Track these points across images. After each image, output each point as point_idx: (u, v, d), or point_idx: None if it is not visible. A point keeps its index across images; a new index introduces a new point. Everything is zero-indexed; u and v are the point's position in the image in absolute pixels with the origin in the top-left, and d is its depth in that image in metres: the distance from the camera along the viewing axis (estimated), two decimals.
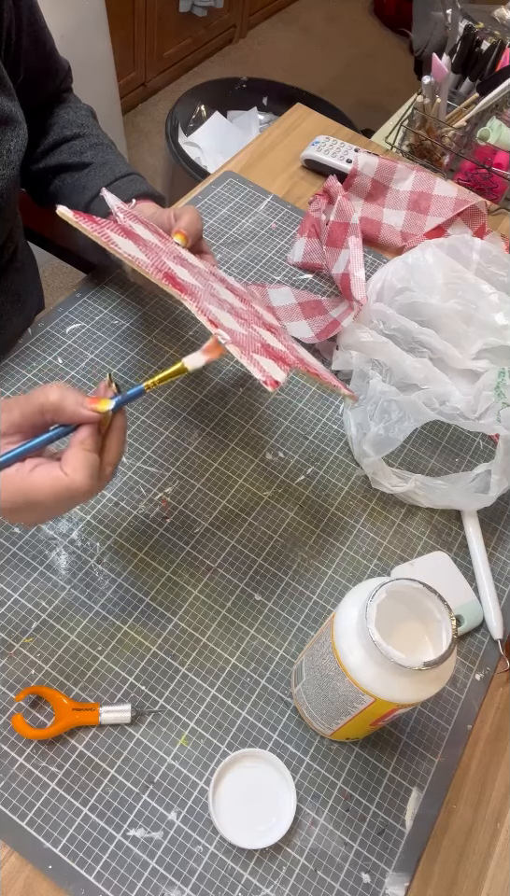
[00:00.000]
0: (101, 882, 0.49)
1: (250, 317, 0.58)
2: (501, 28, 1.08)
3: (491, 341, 0.73)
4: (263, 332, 0.56)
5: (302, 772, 0.55)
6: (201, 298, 0.50)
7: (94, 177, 0.70)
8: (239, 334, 0.49)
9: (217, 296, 0.55)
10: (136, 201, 0.69)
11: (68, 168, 0.73)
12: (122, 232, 0.51)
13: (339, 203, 0.78)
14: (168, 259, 0.54)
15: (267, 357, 0.49)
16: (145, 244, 0.53)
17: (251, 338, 0.51)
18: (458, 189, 0.91)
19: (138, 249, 0.50)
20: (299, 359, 0.56)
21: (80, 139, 0.74)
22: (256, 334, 0.53)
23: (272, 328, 0.60)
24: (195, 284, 0.53)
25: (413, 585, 0.44)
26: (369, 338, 0.70)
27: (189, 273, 0.55)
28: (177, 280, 0.50)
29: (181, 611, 0.60)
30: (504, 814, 0.56)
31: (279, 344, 0.56)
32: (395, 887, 0.52)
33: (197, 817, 0.52)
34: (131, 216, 0.58)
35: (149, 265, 0.48)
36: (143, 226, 0.58)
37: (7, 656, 0.56)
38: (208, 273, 0.61)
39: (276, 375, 0.47)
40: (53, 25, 0.72)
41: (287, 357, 0.52)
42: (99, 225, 0.49)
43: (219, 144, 1.89)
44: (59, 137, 0.74)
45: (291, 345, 0.59)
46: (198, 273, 0.57)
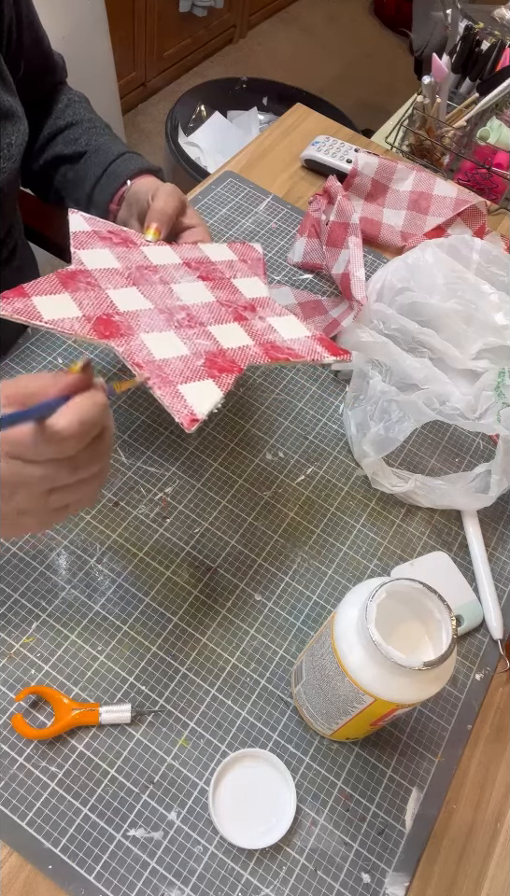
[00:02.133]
0: (101, 882, 0.49)
1: (214, 313, 0.57)
2: (501, 28, 1.08)
3: (491, 341, 0.73)
4: (225, 329, 0.56)
5: (302, 772, 0.55)
6: (136, 331, 0.52)
7: (91, 165, 0.71)
8: (173, 362, 0.50)
9: (171, 307, 0.56)
10: (130, 181, 0.69)
11: (66, 160, 0.73)
12: (59, 284, 0.52)
13: (339, 203, 0.78)
14: (117, 285, 0.55)
15: (207, 375, 0.50)
16: (89, 281, 0.54)
17: (193, 357, 0.52)
18: (458, 189, 0.91)
19: (72, 301, 0.51)
20: (266, 347, 0.56)
21: (74, 127, 0.74)
22: (206, 344, 0.53)
23: (248, 308, 0.60)
24: (141, 308, 0.54)
25: (413, 585, 0.44)
26: (369, 338, 0.70)
27: (141, 290, 0.56)
28: (113, 321, 0.52)
29: (181, 611, 0.60)
30: (504, 814, 0.56)
31: (243, 337, 0.56)
32: (395, 887, 0.52)
33: (197, 817, 0.52)
34: (90, 238, 0.58)
35: (77, 319, 0.50)
36: (105, 244, 0.58)
37: (6, 656, 0.56)
38: (177, 268, 0.60)
39: (200, 405, 0.47)
40: (53, 25, 0.72)
41: (240, 360, 0.53)
42: (27, 296, 0.50)
43: (219, 144, 1.89)
44: (54, 128, 0.74)
45: (268, 324, 0.59)
46: (159, 279, 0.58)
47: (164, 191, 0.62)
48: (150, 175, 0.70)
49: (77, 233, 0.58)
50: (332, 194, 0.82)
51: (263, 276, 0.66)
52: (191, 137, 1.88)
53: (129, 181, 0.69)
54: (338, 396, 0.76)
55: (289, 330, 0.59)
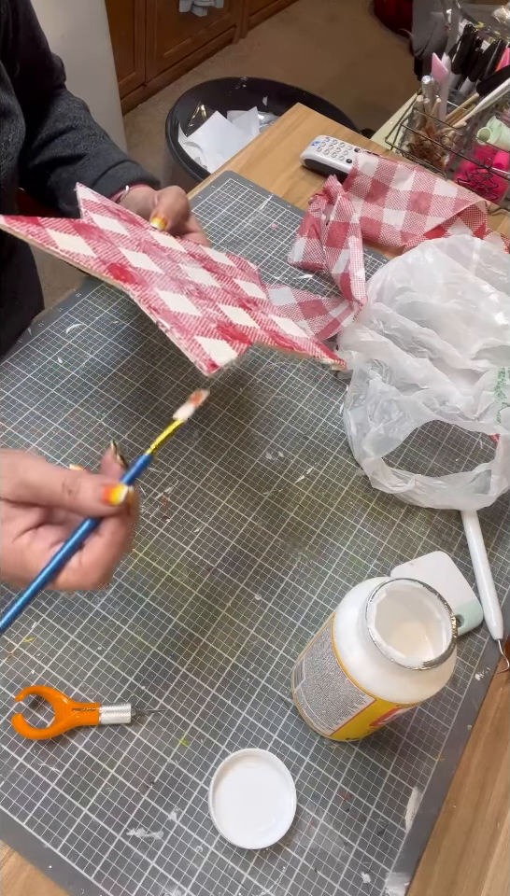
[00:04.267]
0: (101, 882, 0.49)
1: (220, 295, 0.57)
2: (501, 28, 1.08)
3: (491, 341, 0.73)
4: (232, 310, 0.56)
5: (302, 772, 0.55)
6: (150, 284, 0.50)
7: (89, 168, 0.71)
8: (188, 317, 0.49)
9: (181, 279, 0.55)
10: (130, 187, 0.69)
11: (63, 161, 0.73)
12: (72, 228, 0.51)
13: (339, 203, 0.78)
14: (128, 247, 0.54)
15: (219, 337, 0.49)
16: (101, 235, 0.53)
17: (206, 319, 0.51)
18: (458, 189, 0.91)
19: (85, 243, 0.50)
20: (271, 333, 0.55)
21: (73, 131, 0.74)
22: (216, 314, 0.53)
23: (251, 302, 0.60)
24: (153, 270, 0.53)
25: (413, 585, 0.44)
26: (369, 338, 0.70)
27: (151, 258, 0.55)
28: (126, 269, 0.50)
29: (181, 611, 0.60)
30: (504, 814, 0.56)
31: (249, 321, 0.55)
32: (395, 887, 0.52)
33: (197, 817, 0.52)
34: (98, 207, 0.57)
35: (92, 258, 0.48)
36: (113, 216, 0.57)
37: (7, 656, 0.56)
38: (183, 255, 0.60)
39: (217, 356, 0.46)
40: (53, 25, 0.72)
41: (249, 336, 0.52)
42: (41, 226, 0.48)
43: (219, 144, 1.88)
44: (52, 131, 0.74)
45: (269, 319, 0.59)
46: (167, 256, 0.57)
47: (173, 191, 0.63)
48: (148, 186, 0.71)
49: (87, 201, 0.57)
50: (333, 194, 0.82)
51: (260, 285, 0.66)
52: (191, 137, 1.88)
53: (128, 187, 0.69)
54: (338, 396, 0.76)
55: (288, 328, 0.60)
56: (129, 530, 0.40)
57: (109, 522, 0.40)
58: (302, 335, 0.60)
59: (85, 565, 0.39)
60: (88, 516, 0.40)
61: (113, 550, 0.39)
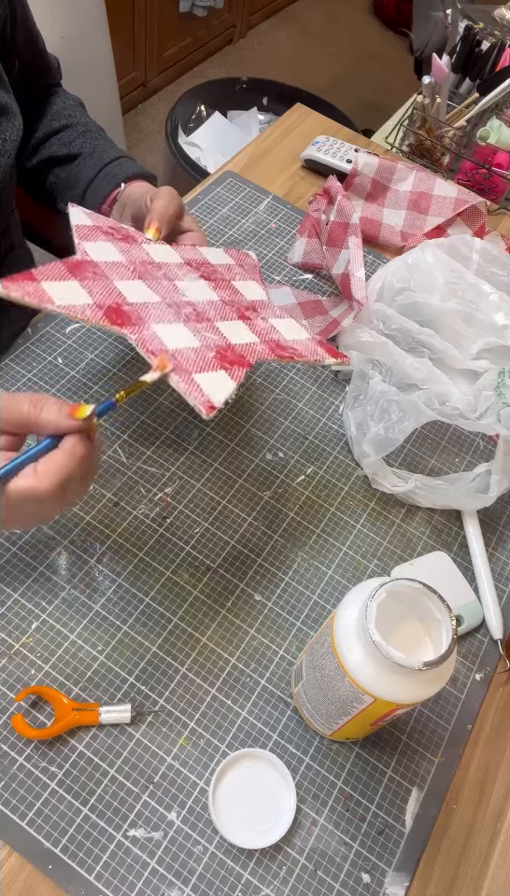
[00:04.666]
0: (101, 882, 0.49)
1: (218, 311, 0.57)
2: (501, 28, 1.08)
3: (491, 341, 0.73)
4: (230, 326, 0.56)
5: (302, 772, 0.55)
6: (148, 321, 0.51)
7: (85, 167, 0.71)
8: (186, 352, 0.50)
9: (178, 301, 0.55)
10: (125, 184, 0.69)
11: (59, 161, 0.73)
12: (67, 272, 0.51)
13: (339, 203, 0.78)
14: (124, 277, 0.54)
15: (219, 366, 0.50)
16: (95, 271, 0.53)
17: (204, 348, 0.52)
18: (458, 189, 0.91)
19: (81, 288, 0.51)
20: (271, 345, 0.56)
21: (69, 129, 0.74)
22: (215, 338, 0.53)
23: (250, 308, 0.60)
24: (149, 300, 0.54)
25: (413, 585, 0.44)
26: (369, 338, 0.70)
27: (147, 285, 0.55)
28: (123, 310, 0.51)
29: (181, 611, 0.60)
30: (504, 814, 0.56)
31: (249, 335, 0.56)
32: (395, 887, 0.52)
33: (197, 817, 0.52)
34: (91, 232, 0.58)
35: (88, 306, 0.49)
36: (106, 238, 0.58)
37: (6, 656, 0.56)
38: (179, 266, 0.60)
39: (216, 395, 0.47)
40: (53, 25, 0.72)
41: (248, 356, 0.53)
42: (36, 280, 0.49)
43: (219, 144, 1.88)
44: (48, 130, 0.74)
45: (270, 325, 0.59)
46: (163, 275, 0.58)
47: (165, 193, 0.63)
48: (145, 182, 0.71)
49: (79, 226, 0.57)
50: (333, 194, 0.82)
51: (260, 282, 0.66)
52: (191, 137, 1.88)
53: (124, 184, 0.69)
54: (338, 396, 0.76)
55: (290, 332, 0.60)
56: (89, 453, 0.42)
57: (70, 436, 0.41)
58: (303, 337, 0.60)
59: (40, 471, 0.40)
60: (50, 433, 0.42)
61: (70, 462, 0.41)
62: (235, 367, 0.50)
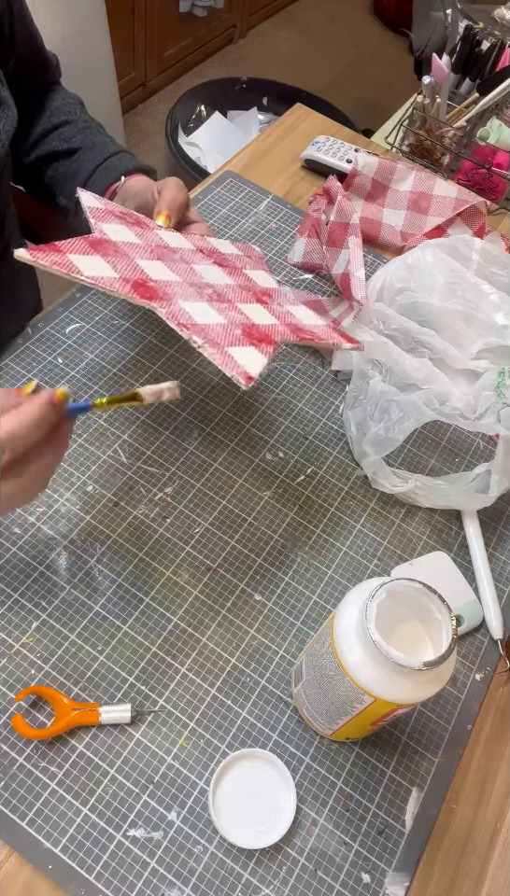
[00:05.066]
0: (101, 882, 0.49)
1: (237, 294, 0.58)
2: (501, 28, 1.08)
3: (491, 341, 0.73)
4: (250, 308, 0.56)
5: (302, 772, 0.55)
6: (174, 297, 0.51)
7: (84, 161, 0.71)
8: (215, 327, 0.50)
9: (198, 283, 0.55)
10: (125, 178, 0.69)
11: (59, 156, 0.73)
12: (89, 248, 0.51)
13: (339, 203, 0.78)
14: (143, 257, 0.54)
15: (248, 343, 0.50)
16: (116, 248, 0.53)
17: (231, 325, 0.51)
18: (458, 189, 0.91)
19: (105, 262, 0.51)
20: (291, 327, 0.56)
21: (68, 125, 0.74)
22: (239, 317, 0.53)
23: (265, 294, 0.60)
24: (171, 279, 0.53)
25: (413, 585, 0.44)
26: (369, 338, 0.69)
27: (166, 266, 0.55)
28: (149, 285, 0.51)
29: (181, 611, 0.60)
30: (504, 814, 0.56)
31: (269, 317, 0.56)
32: (395, 887, 0.52)
33: (197, 817, 0.52)
34: (105, 215, 0.58)
35: (116, 279, 0.49)
36: (119, 221, 0.58)
37: (7, 656, 0.56)
38: (193, 252, 0.60)
39: (251, 367, 0.47)
40: (53, 25, 0.72)
41: (272, 335, 0.53)
42: (62, 252, 0.49)
43: (219, 144, 1.88)
44: (48, 126, 0.74)
45: (286, 310, 0.59)
46: (180, 258, 0.58)
47: (173, 183, 0.63)
48: (145, 175, 0.71)
49: (93, 209, 0.58)
50: (333, 194, 0.82)
51: (269, 272, 0.66)
52: (191, 137, 1.88)
53: (124, 178, 0.69)
54: (338, 396, 0.76)
55: (306, 317, 0.60)
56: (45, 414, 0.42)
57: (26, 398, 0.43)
58: (319, 322, 0.60)
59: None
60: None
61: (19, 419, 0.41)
62: (263, 344, 0.51)
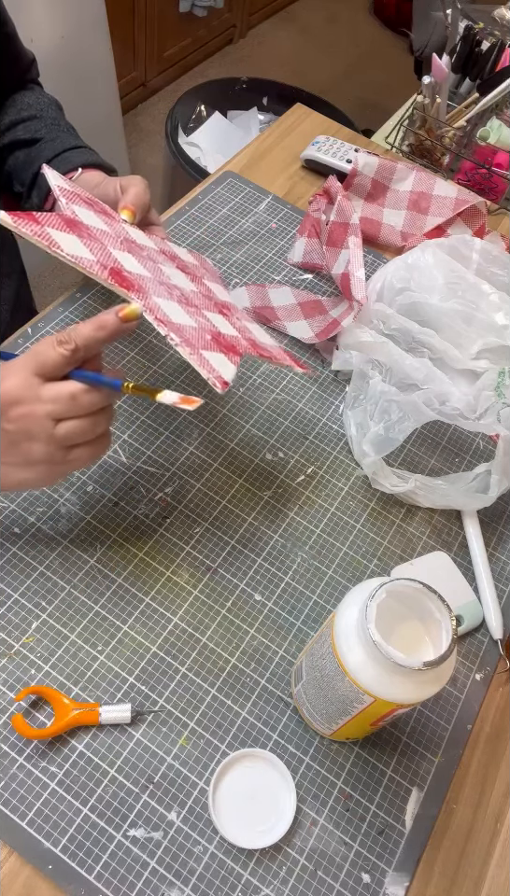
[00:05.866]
0: (101, 882, 0.49)
1: (201, 301, 0.57)
2: (501, 28, 1.08)
3: (491, 341, 0.73)
4: (214, 317, 0.56)
5: (302, 772, 0.55)
6: (149, 292, 0.50)
7: (44, 149, 0.70)
8: (188, 329, 0.49)
9: (166, 283, 0.55)
10: (82, 170, 0.68)
11: (21, 144, 0.72)
12: (65, 225, 0.50)
13: (339, 203, 0.78)
14: (114, 246, 0.53)
15: (217, 349, 0.50)
16: (89, 232, 0.52)
17: (201, 330, 0.51)
18: (458, 189, 0.91)
19: (82, 244, 0.49)
20: (250, 342, 0.56)
21: (37, 120, 0.73)
22: (207, 324, 0.53)
23: (224, 307, 0.60)
24: (143, 273, 0.52)
25: (413, 585, 0.44)
26: (369, 338, 0.70)
27: (136, 259, 0.54)
28: (124, 275, 0.49)
29: (181, 611, 0.60)
30: (504, 814, 0.56)
31: (230, 329, 0.56)
32: (395, 887, 0.52)
33: (197, 817, 0.52)
34: (73, 196, 0.56)
35: (94, 262, 0.48)
36: (87, 206, 0.56)
37: (6, 656, 0.56)
38: (157, 253, 0.60)
39: (224, 373, 0.47)
40: (53, 25, 0.72)
41: (237, 346, 0.53)
42: (40, 224, 0.47)
43: (219, 144, 1.88)
44: (16, 118, 0.74)
45: (243, 325, 0.59)
46: (147, 255, 0.57)
47: (139, 181, 0.62)
48: (102, 172, 0.69)
49: (62, 188, 0.55)
50: (332, 194, 0.82)
51: (224, 287, 0.66)
52: (191, 137, 1.88)
53: (81, 169, 0.68)
54: (338, 396, 0.76)
55: (261, 335, 0.61)
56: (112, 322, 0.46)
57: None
58: (272, 343, 0.61)
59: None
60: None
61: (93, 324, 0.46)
62: (231, 353, 0.51)
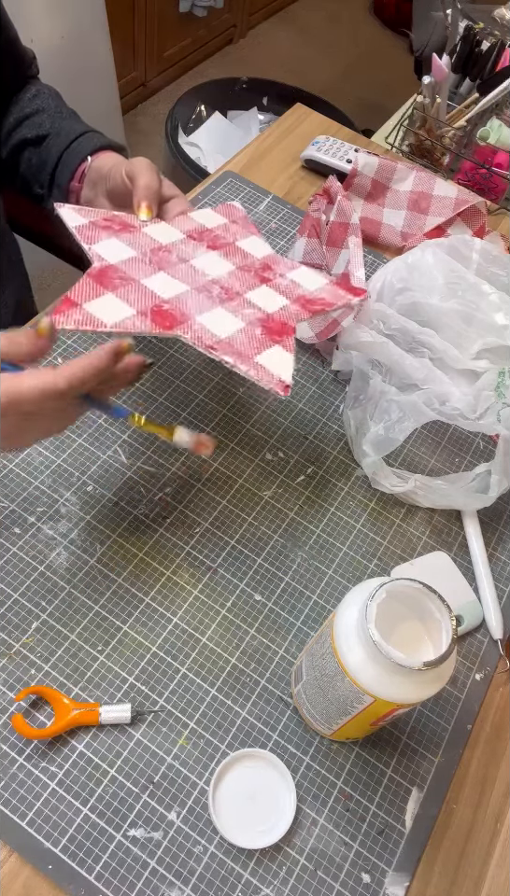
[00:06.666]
0: (101, 882, 0.49)
1: (242, 281, 0.57)
2: (501, 28, 1.08)
3: (491, 341, 0.73)
4: (259, 294, 0.56)
5: (302, 772, 0.55)
6: (191, 314, 0.51)
7: (52, 147, 0.70)
8: (237, 337, 0.50)
9: (203, 284, 0.55)
10: (92, 157, 0.67)
11: (29, 143, 0.73)
12: (97, 285, 0.52)
13: (339, 203, 0.78)
14: (147, 273, 0.54)
15: (271, 342, 0.50)
16: (120, 275, 0.53)
17: (250, 326, 0.51)
18: (458, 189, 0.91)
19: (118, 299, 0.51)
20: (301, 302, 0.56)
21: (40, 113, 0.74)
22: (254, 312, 0.53)
23: (266, 267, 0.60)
24: (180, 291, 0.53)
25: (413, 585, 0.44)
26: (369, 338, 0.69)
27: (169, 275, 0.55)
28: (165, 309, 0.51)
29: (181, 611, 0.60)
30: (504, 814, 0.56)
31: (278, 298, 0.56)
32: (395, 887, 0.52)
33: (197, 817, 0.52)
34: (91, 232, 0.57)
35: (135, 317, 0.50)
36: (107, 233, 0.57)
37: (7, 656, 0.56)
38: (185, 243, 0.59)
39: (283, 372, 0.48)
40: (53, 25, 0.72)
41: (288, 320, 0.53)
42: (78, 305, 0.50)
43: (219, 144, 1.89)
44: (21, 115, 0.74)
45: (290, 280, 0.59)
46: (177, 257, 0.57)
47: (144, 167, 0.61)
48: (112, 152, 0.68)
49: (79, 227, 0.57)
50: (333, 194, 0.82)
51: (258, 233, 0.65)
52: (191, 137, 1.88)
53: (89, 157, 0.67)
54: (338, 396, 0.76)
55: (309, 282, 0.59)
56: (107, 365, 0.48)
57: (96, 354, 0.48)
58: (323, 283, 0.60)
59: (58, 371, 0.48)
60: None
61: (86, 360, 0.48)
62: (284, 336, 0.51)
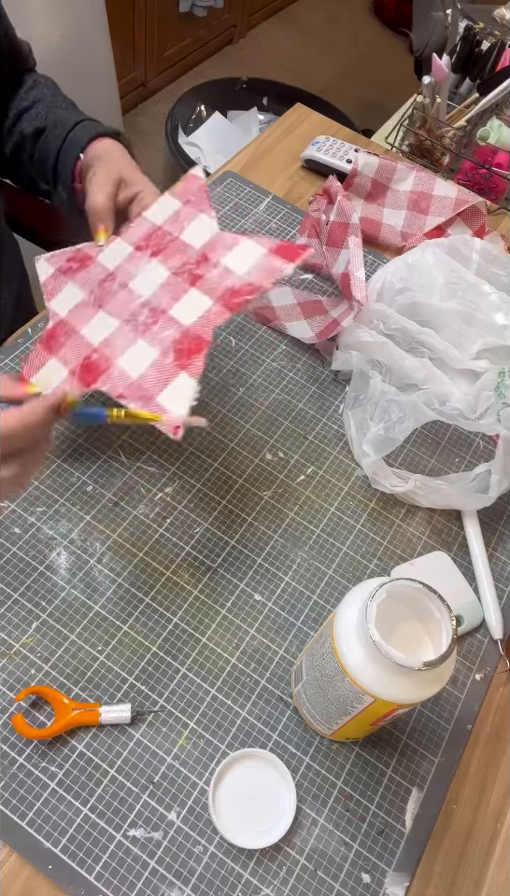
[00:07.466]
0: (101, 882, 0.49)
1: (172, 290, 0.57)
2: (501, 28, 1.08)
3: (491, 341, 0.73)
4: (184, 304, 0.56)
5: (302, 772, 0.55)
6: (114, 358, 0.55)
7: (51, 140, 0.70)
8: (149, 373, 0.53)
9: (134, 311, 0.57)
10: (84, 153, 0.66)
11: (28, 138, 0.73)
12: (45, 351, 0.57)
13: (339, 203, 0.78)
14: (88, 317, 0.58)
15: (177, 369, 0.52)
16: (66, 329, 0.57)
17: (162, 356, 0.54)
18: (458, 189, 0.91)
19: (57, 361, 0.56)
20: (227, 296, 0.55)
21: (37, 104, 0.74)
22: (171, 333, 0.55)
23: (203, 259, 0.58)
24: (112, 329, 0.56)
25: (413, 585, 0.44)
26: (369, 338, 0.70)
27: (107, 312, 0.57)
28: (92, 359, 0.55)
29: (181, 611, 0.60)
30: (504, 814, 0.56)
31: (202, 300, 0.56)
32: (395, 887, 0.52)
33: (197, 817, 0.52)
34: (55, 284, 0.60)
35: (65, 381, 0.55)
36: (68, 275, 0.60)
37: (7, 656, 0.56)
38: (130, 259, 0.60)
39: (177, 407, 0.51)
40: (53, 25, 0.72)
41: (204, 332, 0.54)
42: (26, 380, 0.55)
43: (219, 144, 1.89)
44: (19, 109, 0.74)
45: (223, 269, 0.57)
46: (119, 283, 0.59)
47: (93, 185, 0.61)
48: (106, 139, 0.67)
49: (46, 282, 0.61)
50: (333, 194, 0.82)
51: (209, 209, 0.62)
52: (191, 137, 1.88)
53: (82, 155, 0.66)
54: (338, 396, 0.76)
55: (243, 261, 0.57)
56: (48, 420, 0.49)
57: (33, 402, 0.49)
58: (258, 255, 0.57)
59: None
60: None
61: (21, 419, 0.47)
62: (194, 357, 0.53)
